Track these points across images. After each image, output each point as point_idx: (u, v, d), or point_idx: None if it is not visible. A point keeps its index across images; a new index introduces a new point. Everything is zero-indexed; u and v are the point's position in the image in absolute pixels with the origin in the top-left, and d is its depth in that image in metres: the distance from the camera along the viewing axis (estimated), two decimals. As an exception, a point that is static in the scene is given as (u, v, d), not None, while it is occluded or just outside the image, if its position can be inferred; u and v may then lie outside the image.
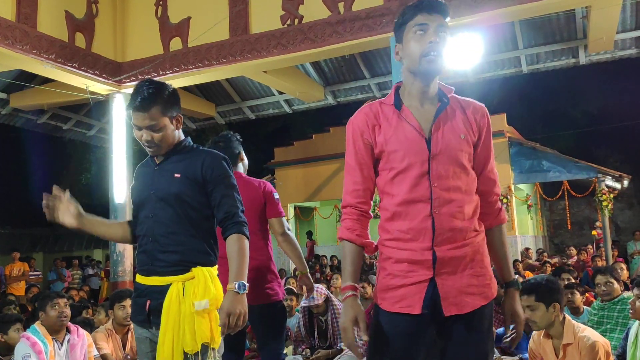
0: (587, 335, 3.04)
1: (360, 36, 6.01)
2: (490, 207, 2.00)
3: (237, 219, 2.26)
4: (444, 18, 1.89)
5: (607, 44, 7.35)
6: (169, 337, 2.14)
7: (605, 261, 10.43)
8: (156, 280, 2.24)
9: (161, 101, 2.25)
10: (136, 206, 2.38)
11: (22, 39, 6.04)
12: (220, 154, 2.37)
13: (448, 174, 1.84)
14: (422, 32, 1.86)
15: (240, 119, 10.71)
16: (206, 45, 6.81)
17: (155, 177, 2.32)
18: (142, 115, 2.23)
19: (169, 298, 2.17)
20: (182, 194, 2.25)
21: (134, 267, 7.78)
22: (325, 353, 4.75)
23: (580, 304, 4.79)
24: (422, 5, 1.87)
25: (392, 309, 1.86)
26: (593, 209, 13.70)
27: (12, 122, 9.76)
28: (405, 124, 1.89)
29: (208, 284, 2.19)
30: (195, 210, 2.27)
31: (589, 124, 19.68)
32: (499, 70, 8.74)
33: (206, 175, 2.27)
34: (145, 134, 2.26)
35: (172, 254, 2.23)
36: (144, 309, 2.25)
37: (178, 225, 2.24)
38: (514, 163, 12.67)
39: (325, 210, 15.73)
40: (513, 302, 2.00)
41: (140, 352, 2.35)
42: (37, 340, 3.70)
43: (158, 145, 2.28)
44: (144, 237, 2.29)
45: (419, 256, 1.83)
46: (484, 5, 5.49)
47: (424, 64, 1.85)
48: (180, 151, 2.35)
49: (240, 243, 2.22)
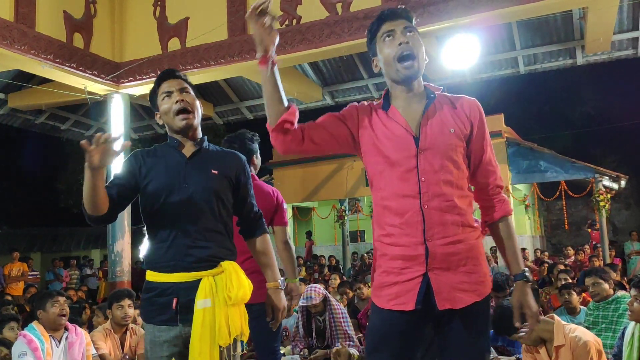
0: (578, 335, 3.06)
1: (358, 37, 6.02)
2: (492, 200, 2.00)
3: (263, 219, 2.46)
4: (409, 21, 1.97)
5: (604, 44, 7.37)
6: (206, 332, 2.11)
7: (603, 261, 10.46)
8: (183, 276, 2.17)
9: (188, 81, 2.39)
10: (156, 197, 2.23)
11: (20, 39, 6.04)
12: (244, 157, 2.46)
13: (437, 168, 1.87)
14: (390, 38, 1.94)
15: (239, 119, 10.71)
16: (204, 46, 6.81)
17: (189, 171, 2.26)
18: (175, 81, 2.33)
19: (203, 292, 2.14)
20: (219, 191, 2.27)
21: (132, 267, 7.78)
22: (323, 353, 4.76)
23: (577, 304, 4.81)
24: (384, 16, 1.98)
25: (387, 306, 1.89)
26: (590, 209, 13.73)
27: (10, 122, 9.75)
28: (392, 122, 1.95)
29: (240, 276, 2.21)
30: (226, 208, 2.31)
31: (586, 125, 19.75)
32: (496, 71, 8.76)
33: (239, 177, 2.36)
34: (178, 95, 2.28)
35: (202, 249, 2.20)
36: (169, 308, 2.17)
37: (210, 221, 2.24)
38: (512, 163, 12.70)
39: (323, 211, 15.74)
40: (522, 294, 1.92)
41: (154, 356, 2.22)
42: (33, 338, 3.70)
43: (192, 112, 2.29)
44: (171, 230, 2.21)
45: (412, 251, 1.85)
46: (482, 6, 5.51)
47: (401, 70, 1.92)
48: (209, 148, 2.37)
49: (270, 243, 2.47)
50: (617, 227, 19.00)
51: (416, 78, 1.96)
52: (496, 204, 1.99)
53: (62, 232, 20.23)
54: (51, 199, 21.10)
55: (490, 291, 1.95)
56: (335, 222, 15.31)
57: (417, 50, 1.92)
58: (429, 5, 5.74)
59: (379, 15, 1.99)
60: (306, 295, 4.92)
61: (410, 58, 1.90)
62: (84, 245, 19.93)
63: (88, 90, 7.22)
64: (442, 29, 5.87)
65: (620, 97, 19.17)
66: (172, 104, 2.27)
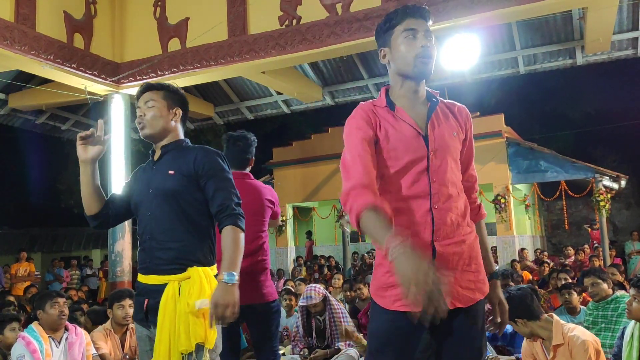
0: (577, 334, 3.07)
1: (358, 37, 6.03)
2: (473, 203, 2.08)
3: (231, 211, 2.24)
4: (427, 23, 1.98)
5: (604, 44, 7.37)
6: (165, 336, 2.15)
7: (603, 261, 10.46)
8: (154, 279, 2.26)
9: (164, 89, 2.43)
10: (135, 205, 2.40)
11: (20, 39, 6.04)
12: (213, 149, 2.39)
13: (446, 169, 1.90)
14: (412, 37, 1.92)
15: (239, 119, 10.72)
16: (204, 46, 6.82)
17: (152, 175, 2.36)
18: (146, 95, 2.40)
19: (165, 297, 2.19)
20: (176, 190, 2.27)
21: (133, 267, 7.79)
22: (323, 353, 4.76)
23: (577, 304, 4.82)
24: (409, 11, 1.94)
25: (392, 307, 1.87)
26: (591, 209, 13.72)
27: (11, 122, 9.75)
28: (402, 122, 1.92)
29: (203, 284, 2.19)
30: (192, 206, 2.28)
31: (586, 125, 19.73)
32: (496, 71, 8.76)
33: (198, 169, 2.28)
34: (140, 109, 2.38)
35: (169, 250, 2.24)
36: (142, 308, 2.28)
37: (175, 222, 2.26)
38: (512, 163, 12.70)
39: (324, 211, 15.74)
40: (498, 291, 2.06)
41: (141, 350, 2.40)
42: (31, 340, 3.70)
43: (146, 124, 2.35)
44: (143, 234, 2.32)
45: None
46: (482, 7, 5.51)
47: (419, 65, 1.90)
48: (175, 149, 2.39)
49: (234, 234, 2.21)
50: (617, 227, 18.98)
51: (427, 77, 1.97)
52: (475, 208, 2.08)
53: (62, 232, 20.23)
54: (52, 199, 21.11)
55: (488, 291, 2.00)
56: (335, 222, 15.30)
57: (434, 53, 1.95)
58: (429, 5, 5.74)
59: (403, 8, 1.95)
60: (306, 294, 4.93)
61: (430, 57, 1.92)
62: (85, 245, 19.93)
63: (88, 90, 7.23)
64: (442, 29, 5.87)
65: (620, 97, 19.15)
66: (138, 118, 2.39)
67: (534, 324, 3.21)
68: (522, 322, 3.22)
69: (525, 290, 3.29)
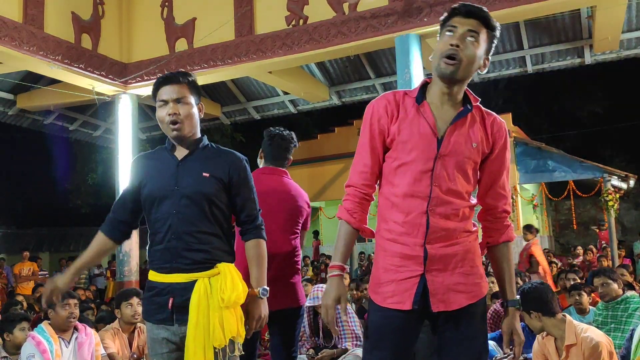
0: (590, 335, 3.05)
1: (365, 36, 6.02)
2: (499, 223, 2.00)
3: (257, 222, 2.35)
4: (482, 25, 1.87)
5: (613, 43, 7.33)
6: (200, 332, 2.13)
7: (612, 261, 10.39)
8: (179, 277, 2.21)
9: (189, 81, 2.29)
10: (153, 199, 2.28)
11: (28, 40, 6.08)
12: (242, 156, 2.38)
13: (450, 176, 1.86)
14: (450, 34, 1.86)
15: (246, 120, 10.73)
16: (211, 46, 6.83)
17: (180, 173, 2.28)
18: (170, 88, 2.25)
19: (197, 294, 2.16)
20: (210, 194, 2.24)
21: (140, 266, 7.81)
22: (330, 353, 4.75)
23: (587, 304, 4.79)
24: (459, 9, 1.87)
25: (384, 304, 1.90)
26: (599, 209, 13.63)
27: (19, 122, 9.81)
28: (421, 118, 1.89)
29: (235, 279, 2.20)
30: (220, 210, 2.28)
31: (594, 124, 19.62)
32: (504, 70, 8.72)
33: (232, 177, 2.29)
34: (172, 107, 2.23)
35: (197, 252, 2.21)
36: (166, 307, 2.22)
37: (204, 224, 2.24)
38: (520, 163, 12.64)
39: (331, 210, 15.72)
40: (514, 320, 1.96)
41: (154, 353, 2.30)
42: (42, 340, 3.70)
43: (182, 123, 2.24)
44: (165, 233, 2.24)
45: (411, 251, 1.85)
46: (489, 6, 5.48)
47: (442, 65, 1.84)
48: (204, 149, 2.34)
49: (261, 248, 2.33)
50: (626, 227, 18.86)
51: (453, 81, 1.86)
52: (502, 228, 2.00)
53: (70, 232, 20.33)
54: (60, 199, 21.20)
55: (486, 293, 1.95)
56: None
57: (465, 56, 1.83)
58: (436, 5, 5.73)
59: (458, 6, 1.88)
60: (313, 295, 4.92)
61: (454, 59, 1.82)
62: (93, 245, 19.99)
63: (96, 90, 7.27)
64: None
65: (629, 96, 19.04)
66: (165, 115, 2.25)
67: (548, 321, 3.19)
68: (536, 316, 3.20)
69: (547, 286, 3.30)
